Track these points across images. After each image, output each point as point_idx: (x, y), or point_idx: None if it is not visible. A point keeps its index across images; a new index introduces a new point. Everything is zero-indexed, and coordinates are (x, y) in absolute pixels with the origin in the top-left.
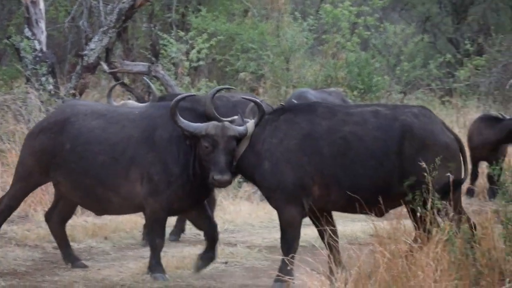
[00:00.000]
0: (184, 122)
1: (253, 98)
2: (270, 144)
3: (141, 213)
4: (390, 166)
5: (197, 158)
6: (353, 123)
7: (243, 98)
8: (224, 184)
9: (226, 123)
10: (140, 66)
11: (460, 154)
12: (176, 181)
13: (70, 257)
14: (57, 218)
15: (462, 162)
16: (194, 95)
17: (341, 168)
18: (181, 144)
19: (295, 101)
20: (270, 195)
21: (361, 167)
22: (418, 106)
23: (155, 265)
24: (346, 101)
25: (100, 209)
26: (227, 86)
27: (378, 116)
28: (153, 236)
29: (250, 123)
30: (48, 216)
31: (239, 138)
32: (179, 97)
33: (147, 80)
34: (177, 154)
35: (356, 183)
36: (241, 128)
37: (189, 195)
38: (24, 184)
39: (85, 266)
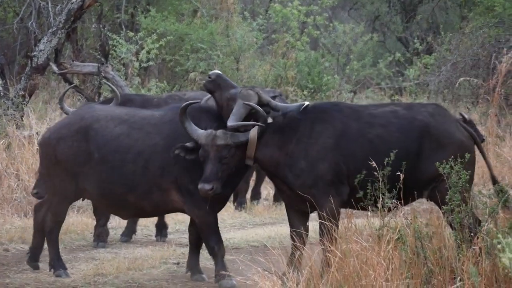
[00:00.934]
0: (191, 128)
1: (253, 105)
2: (306, 144)
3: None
4: (410, 166)
5: None
6: (378, 125)
7: (246, 104)
8: (204, 194)
9: (219, 131)
10: (89, 67)
11: (477, 150)
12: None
13: (33, 256)
14: (44, 213)
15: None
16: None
17: (367, 170)
18: None
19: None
20: (306, 192)
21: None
22: (432, 104)
23: (220, 274)
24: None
25: (131, 215)
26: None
27: (398, 117)
28: (210, 243)
29: (253, 130)
30: (38, 208)
31: (233, 146)
32: (188, 102)
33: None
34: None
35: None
36: (240, 135)
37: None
38: (62, 195)
39: (37, 268)
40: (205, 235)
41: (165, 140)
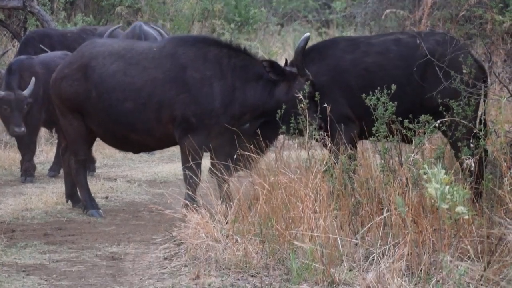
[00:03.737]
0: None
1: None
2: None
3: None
4: (413, 95)
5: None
6: (376, 53)
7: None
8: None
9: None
10: (15, 1)
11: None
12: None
13: (72, 197)
14: (68, 156)
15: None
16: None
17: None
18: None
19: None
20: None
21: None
22: (441, 33)
23: (190, 201)
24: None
25: (137, 151)
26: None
27: (399, 44)
28: (189, 173)
29: None
30: (64, 151)
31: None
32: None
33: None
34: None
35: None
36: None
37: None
38: (78, 133)
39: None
40: (186, 161)
41: (166, 75)
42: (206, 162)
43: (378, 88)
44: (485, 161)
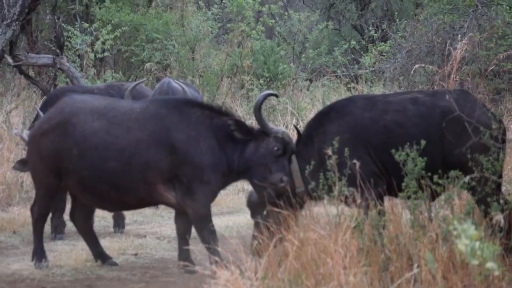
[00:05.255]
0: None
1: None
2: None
3: None
4: (433, 152)
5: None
6: (394, 111)
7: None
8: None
9: None
10: (45, 58)
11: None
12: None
13: (100, 255)
14: (81, 216)
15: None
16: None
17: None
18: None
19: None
20: None
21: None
22: (457, 90)
23: (214, 259)
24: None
25: (113, 209)
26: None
27: (417, 103)
28: (205, 233)
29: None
30: (72, 216)
31: None
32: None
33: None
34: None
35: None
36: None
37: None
38: (46, 190)
39: (115, 264)
40: (198, 226)
41: (150, 136)
42: (235, 218)
43: (399, 145)
44: None
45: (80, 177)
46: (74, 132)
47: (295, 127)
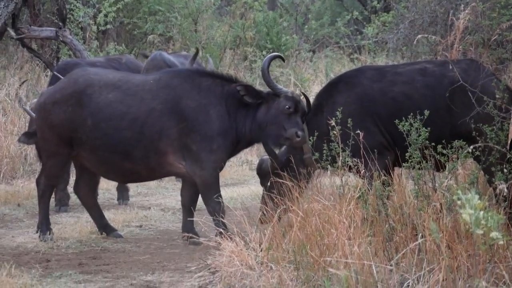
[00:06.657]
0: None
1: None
2: None
3: None
4: (442, 123)
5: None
6: (402, 83)
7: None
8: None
9: None
10: (47, 31)
11: None
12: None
13: (105, 228)
14: (85, 189)
15: None
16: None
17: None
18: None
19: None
20: None
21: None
22: (466, 59)
23: (223, 228)
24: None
25: (127, 180)
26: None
27: (425, 74)
28: (211, 202)
29: None
30: (77, 188)
31: None
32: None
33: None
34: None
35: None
36: None
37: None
38: (56, 159)
39: (120, 236)
40: (206, 196)
41: (162, 105)
42: (239, 190)
43: (407, 116)
44: None
45: (93, 147)
46: (89, 103)
47: (303, 94)
